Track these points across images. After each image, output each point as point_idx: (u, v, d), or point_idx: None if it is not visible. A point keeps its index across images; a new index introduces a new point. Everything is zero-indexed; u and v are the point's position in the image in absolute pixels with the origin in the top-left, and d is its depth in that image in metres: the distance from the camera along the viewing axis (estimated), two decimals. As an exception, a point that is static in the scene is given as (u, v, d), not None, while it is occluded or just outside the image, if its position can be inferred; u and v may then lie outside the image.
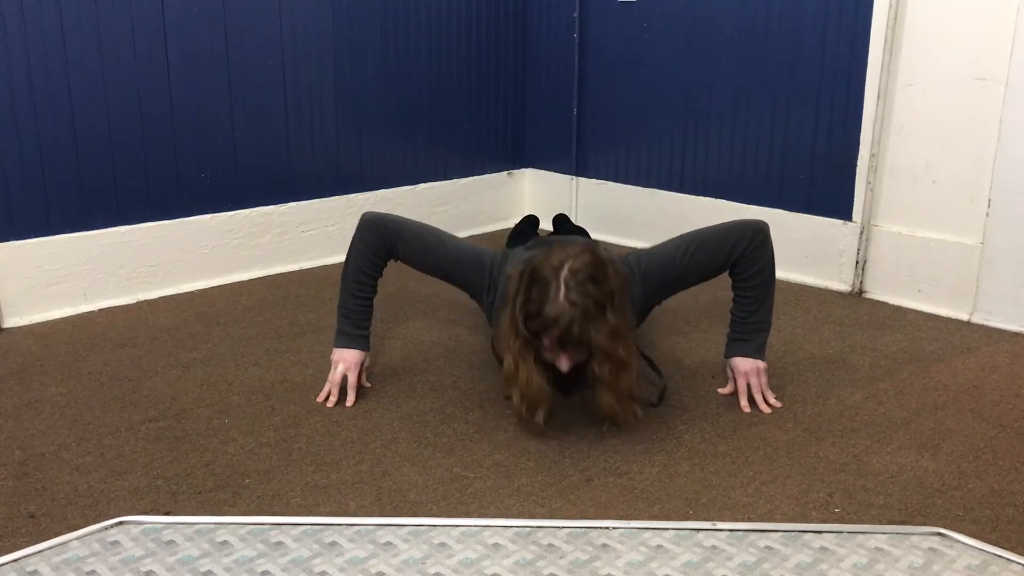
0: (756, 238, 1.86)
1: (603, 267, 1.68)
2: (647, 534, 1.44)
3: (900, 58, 2.47)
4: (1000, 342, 2.28)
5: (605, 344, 1.64)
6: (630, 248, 3.02)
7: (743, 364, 1.91)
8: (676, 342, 2.26)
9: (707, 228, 1.91)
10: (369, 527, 1.45)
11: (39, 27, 2.28)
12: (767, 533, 1.44)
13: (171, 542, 1.41)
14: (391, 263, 1.96)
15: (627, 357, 1.68)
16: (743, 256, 1.85)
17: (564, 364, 1.68)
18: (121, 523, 1.46)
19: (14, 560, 1.36)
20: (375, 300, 1.95)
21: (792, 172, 2.75)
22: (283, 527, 1.45)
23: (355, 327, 1.93)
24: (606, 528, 1.45)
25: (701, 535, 1.44)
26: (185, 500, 1.54)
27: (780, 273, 2.73)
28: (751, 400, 1.90)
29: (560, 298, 1.62)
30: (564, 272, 1.64)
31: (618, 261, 1.80)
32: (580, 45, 3.18)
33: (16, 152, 2.31)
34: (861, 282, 2.63)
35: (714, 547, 1.41)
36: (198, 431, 1.79)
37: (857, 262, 2.63)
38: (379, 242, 1.89)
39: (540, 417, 1.73)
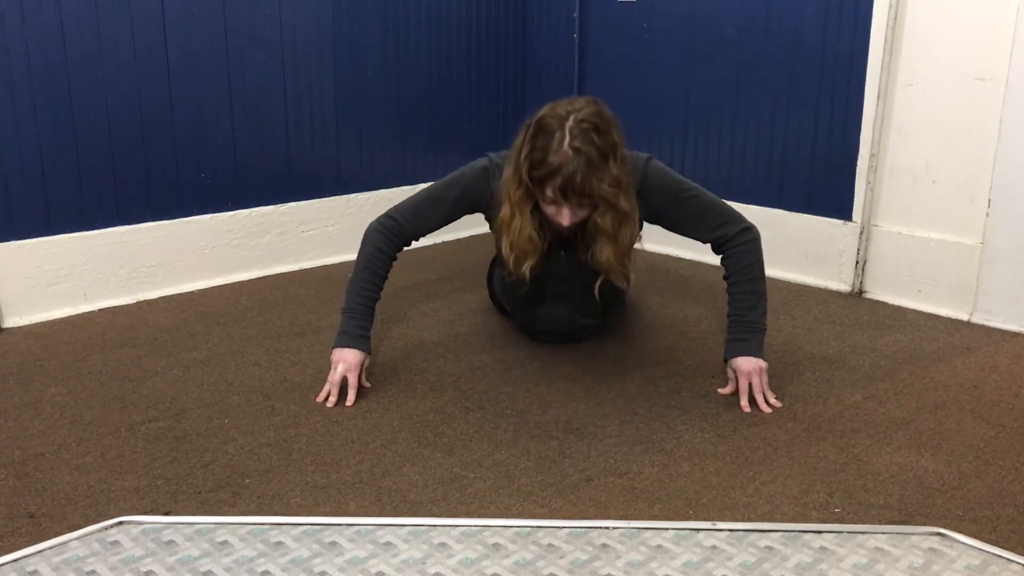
0: (747, 233, 1.91)
1: (608, 121, 1.71)
2: (647, 534, 1.44)
3: (900, 58, 2.47)
4: (1000, 342, 2.28)
5: (608, 194, 1.65)
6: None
7: (745, 364, 1.91)
8: (676, 342, 2.26)
9: (712, 198, 1.96)
10: (369, 527, 1.45)
11: (39, 27, 2.28)
12: (767, 533, 1.44)
13: (171, 542, 1.41)
14: (395, 265, 1.97)
15: (629, 209, 1.70)
16: (732, 241, 1.88)
17: (566, 217, 1.69)
18: (121, 523, 1.46)
19: (14, 560, 1.36)
20: (383, 306, 1.96)
21: (792, 172, 2.75)
22: (283, 527, 1.45)
23: (357, 327, 1.93)
24: (606, 528, 1.45)
25: (701, 535, 1.44)
26: (185, 500, 1.54)
27: (780, 273, 2.76)
28: (751, 400, 1.90)
29: (564, 146, 1.63)
30: (569, 121, 1.66)
31: (622, 134, 1.82)
32: (580, 45, 3.18)
33: (16, 152, 2.31)
34: (861, 282, 2.63)
35: (714, 547, 1.41)
36: (198, 431, 1.79)
37: (857, 262, 2.63)
38: (387, 237, 1.93)
39: (526, 268, 1.75)
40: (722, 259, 1.95)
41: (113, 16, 2.39)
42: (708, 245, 1.98)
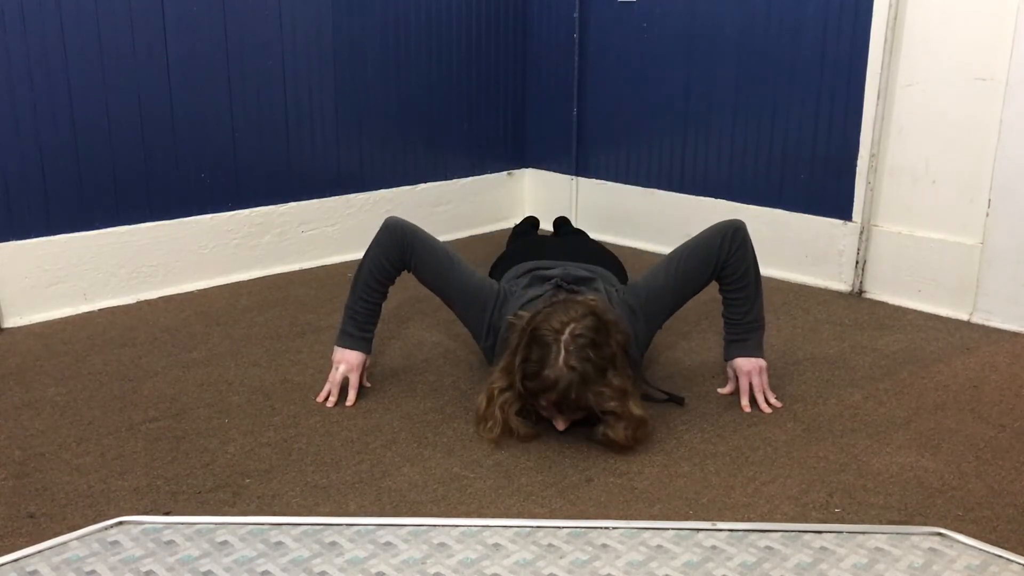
0: (736, 238, 1.86)
1: (605, 329, 1.68)
2: (647, 534, 1.44)
3: (900, 58, 2.47)
4: (1000, 342, 2.28)
5: (614, 407, 1.64)
6: (631, 249, 3.04)
7: (745, 364, 1.91)
8: (676, 342, 2.26)
9: (687, 242, 1.91)
10: (369, 527, 1.45)
11: (39, 27, 2.28)
12: (767, 533, 1.44)
13: (171, 542, 1.41)
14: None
15: (641, 413, 1.69)
16: (728, 259, 1.85)
17: (560, 425, 1.73)
18: (121, 523, 1.46)
19: (14, 560, 1.36)
20: (384, 306, 1.95)
21: (792, 172, 2.75)
22: (283, 527, 1.45)
23: (359, 329, 1.92)
24: (606, 528, 1.45)
25: (701, 535, 1.44)
26: (185, 500, 1.54)
27: (780, 273, 2.76)
28: (752, 400, 1.90)
29: (560, 362, 1.62)
30: (565, 336, 1.64)
31: (614, 308, 1.80)
32: (580, 45, 3.18)
33: (16, 152, 2.31)
34: (861, 282, 2.63)
35: (714, 547, 1.41)
36: (198, 431, 1.79)
37: (857, 262, 2.63)
38: (397, 249, 1.87)
39: (492, 437, 1.74)
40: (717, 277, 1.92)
41: (113, 16, 2.39)
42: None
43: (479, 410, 1.76)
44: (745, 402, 1.90)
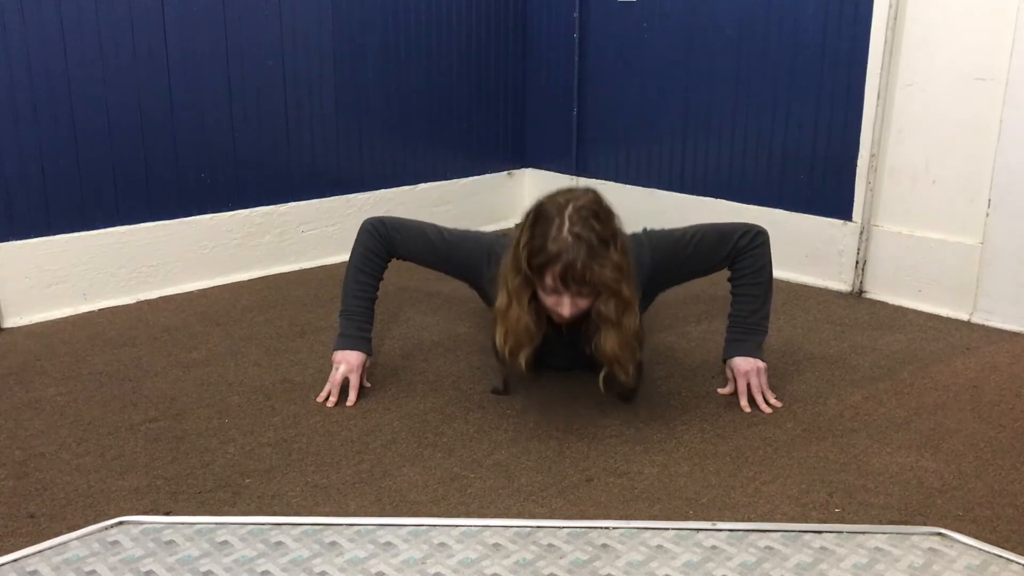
0: (759, 238, 1.89)
1: (607, 210, 1.70)
2: (647, 534, 1.43)
3: (900, 58, 2.47)
4: (1000, 342, 2.28)
5: (610, 281, 1.64)
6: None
7: (743, 364, 1.91)
8: (676, 342, 2.26)
9: (710, 223, 1.94)
10: (369, 527, 1.45)
11: (39, 27, 2.28)
12: (767, 533, 1.44)
13: (171, 542, 1.41)
14: (394, 265, 1.96)
15: (631, 297, 1.68)
16: (745, 250, 1.87)
17: (565, 308, 1.66)
18: (121, 523, 1.46)
19: (14, 560, 1.36)
20: (382, 307, 1.95)
21: (792, 172, 2.75)
22: (283, 527, 1.45)
23: (357, 329, 1.93)
24: (606, 528, 1.45)
25: (701, 535, 1.44)
26: (185, 500, 1.54)
27: (780, 273, 2.75)
28: (751, 400, 1.90)
29: (564, 232, 1.62)
30: (569, 209, 1.65)
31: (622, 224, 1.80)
32: (580, 45, 3.18)
33: (16, 152, 2.31)
34: (861, 282, 2.63)
35: (714, 547, 1.41)
36: (198, 431, 1.79)
37: (857, 262, 2.63)
38: (377, 241, 1.90)
39: (522, 359, 1.71)
40: (732, 263, 1.93)
41: (113, 16, 2.39)
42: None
43: (503, 320, 1.72)
44: (744, 402, 1.90)
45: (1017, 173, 2.30)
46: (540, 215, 1.66)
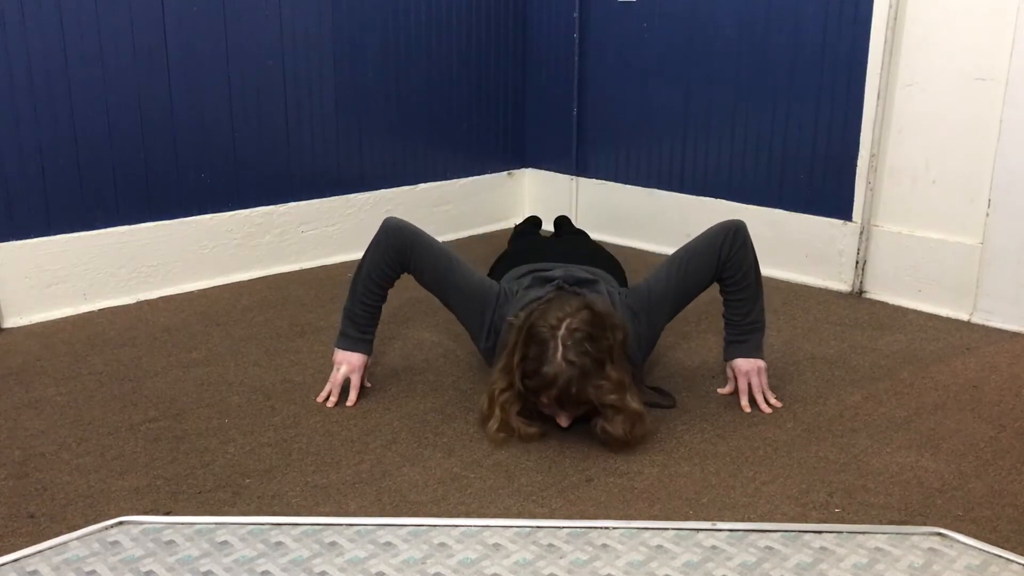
0: (737, 239, 1.86)
1: (601, 322, 1.68)
2: (647, 534, 1.44)
3: (900, 58, 2.47)
4: (1000, 342, 2.28)
5: (613, 400, 1.64)
6: (631, 248, 3.04)
7: (744, 364, 1.91)
8: (676, 342, 2.26)
9: (688, 244, 1.91)
10: (369, 527, 1.45)
11: (39, 27, 2.28)
12: (767, 533, 1.44)
13: (171, 542, 1.41)
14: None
15: (639, 407, 1.68)
16: (729, 260, 1.85)
17: (564, 421, 1.71)
18: (121, 523, 1.46)
19: (14, 560, 1.36)
20: (384, 307, 1.94)
21: (792, 172, 2.75)
22: (283, 527, 1.45)
23: (359, 331, 1.92)
24: (606, 528, 1.45)
25: (701, 535, 1.44)
26: (185, 500, 1.54)
27: (780, 273, 2.76)
28: (751, 400, 1.90)
29: (558, 357, 1.62)
30: (562, 331, 1.64)
31: (616, 310, 1.79)
32: (580, 45, 3.18)
33: (16, 152, 2.31)
34: (861, 282, 2.63)
35: (714, 547, 1.41)
36: (198, 431, 1.79)
37: (857, 262, 2.63)
38: (396, 251, 1.86)
39: (496, 437, 1.73)
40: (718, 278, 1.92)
41: (113, 16, 2.39)
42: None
43: (481, 412, 1.76)
44: (744, 402, 1.90)
45: (1017, 173, 2.30)
46: (533, 335, 1.65)
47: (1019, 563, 1.37)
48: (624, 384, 1.66)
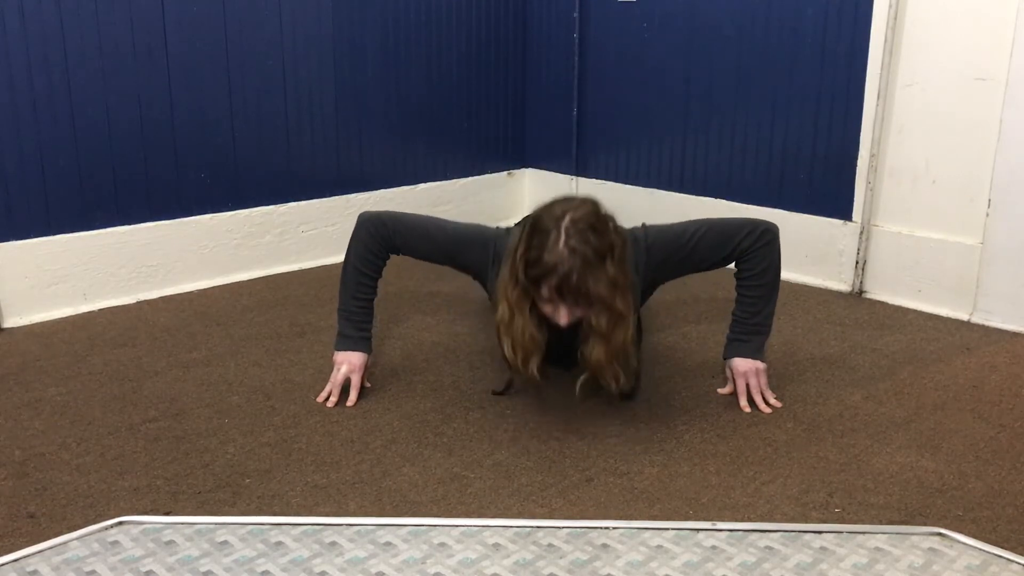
0: (764, 236, 1.86)
1: (604, 221, 1.69)
2: (647, 534, 1.44)
3: (900, 58, 2.47)
4: (1000, 342, 2.28)
5: (604, 294, 1.64)
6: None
7: (742, 365, 1.91)
8: (676, 342, 2.26)
9: (714, 219, 1.92)
10: (369, 527, 1.45)
11: (39, 27, 2.28)
12: (767, 533, 1.44)
13: (171, 542, 1.41)
14: (394, 265, 1.96)
15: (625, 311, 1.68)
16: (749, 251, 1.85)
17: (562, 317, 1.68)
18: (121, 523, 1.46)
19: (14, 560, 1.36)
20: (382, 307, 1.94)
21: (792, 172, 2.75)
22: (283, 527, 1.45)
23: (357, 329, 1.93)
24: (606, 528, 1.45)
25: (701, 535, 1.44)
26: (185, 500, 1.54)
27: (780, 273, 2.75)
28: (751, 400, 1.90)
29: (560, 245, 1.62)
30: (565, 221, 1.65)
31: (621, 226, 1.79)
32: (580, 45, 3.18)
33: (16, 152, 2.31)
34: (861, 282, 2.64)
35: (714, 547, 1.41)
36: (198, 431, 1.79)
37: (857, 262, 2.63)
38: (376, 238, 1.88)
39: (533, 367, 1.73)
40: (738, 262, 1.92)
41: (113, 16, 2.39)
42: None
43: (501, 320, 1.74)
44: (743, 403, 1.90)
45: (1017, 173, 2.30)
46: (537, 226, 1.66)
47: (1019, 563, 1.37)
48: (618, 285, 1.66)
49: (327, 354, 2.00)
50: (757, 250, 1.85)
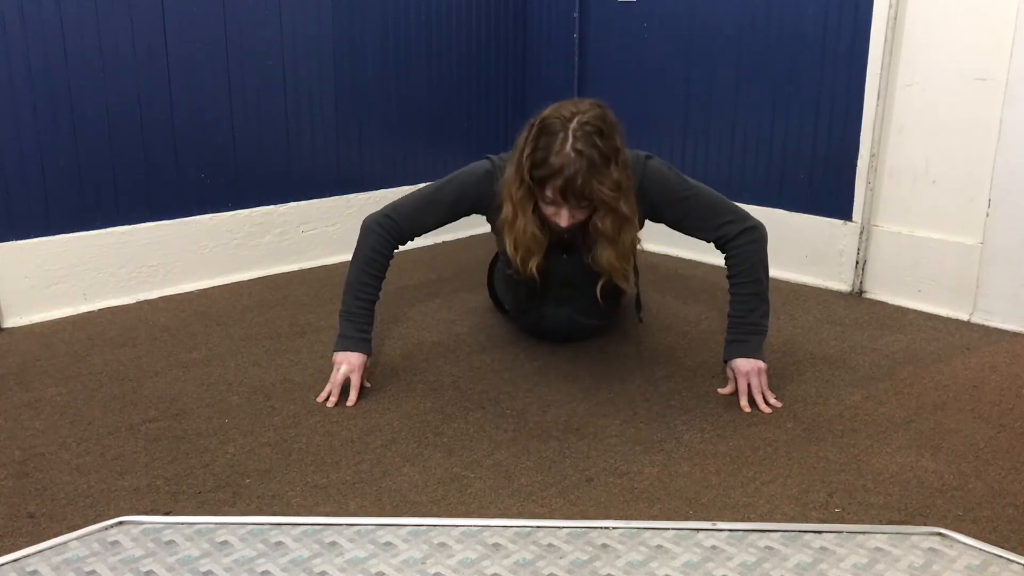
0: (750, 233, 1.89)
1: (612, 126, 1.72)
2: (647, 534, 1.44)
3: (900, 58, 2.47)
4: (1000, 342, 2.28)
5: (608, 197, 1.66)
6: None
7: (743, 364, 1.91)
8: (676, 342, 2.26)
9: (714, 197, 1.95)
10: (369, 527, 1.45)
11: (39, 27, 2.28)
12: (767, 533, 1.44)
13: (171, 542, 1.41)
14: (394, 265, 1.97)
15: (630, 213, 1.70)
16: (735, 240, 1.87)
17: (564, 219, 1.70)
18: (121, 523, 1.46)
19: (14, 560, 1.36)
20: (383, 307, 1.95)
21: (792, 172, 2.75)
22: (283, 527, 1.45)
23: (357, 330, 1.93)
24: (606, 528, 1.45)
25: (701, 535, 1.44)
26: (185, 500, 1.54)
27: (780, 273, 2.76)
28: (751, 400, 1.90)
29: (567, 147, 1.64)
30: (573, 123, 1.66)
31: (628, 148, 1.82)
32: (580, 45, 3.18)
33: (16, 152, 2.31)
34: (861, 282, 2.64)
35: (714, 547, 1.41)
36: (198, 431, 1.79)
37: (857, 262, 2.63)
38: (385, 236, 1.92)
39: (533, 266, 1.75)
40: (726, 258, 1.95)
41: (113, 16, 2.39)
42: (712, 244, 1.97)
43: (505, 218, 1.76)
44: (744, 402, 1.90)
45: (1017, 173, 2.30)
46: (545, 127, 1.68)
47: (1019, 563, 1.37)
48: (622, 187, 1.68)
49: (327, 354, 2.01)
50: (744, 244, 1.87)
